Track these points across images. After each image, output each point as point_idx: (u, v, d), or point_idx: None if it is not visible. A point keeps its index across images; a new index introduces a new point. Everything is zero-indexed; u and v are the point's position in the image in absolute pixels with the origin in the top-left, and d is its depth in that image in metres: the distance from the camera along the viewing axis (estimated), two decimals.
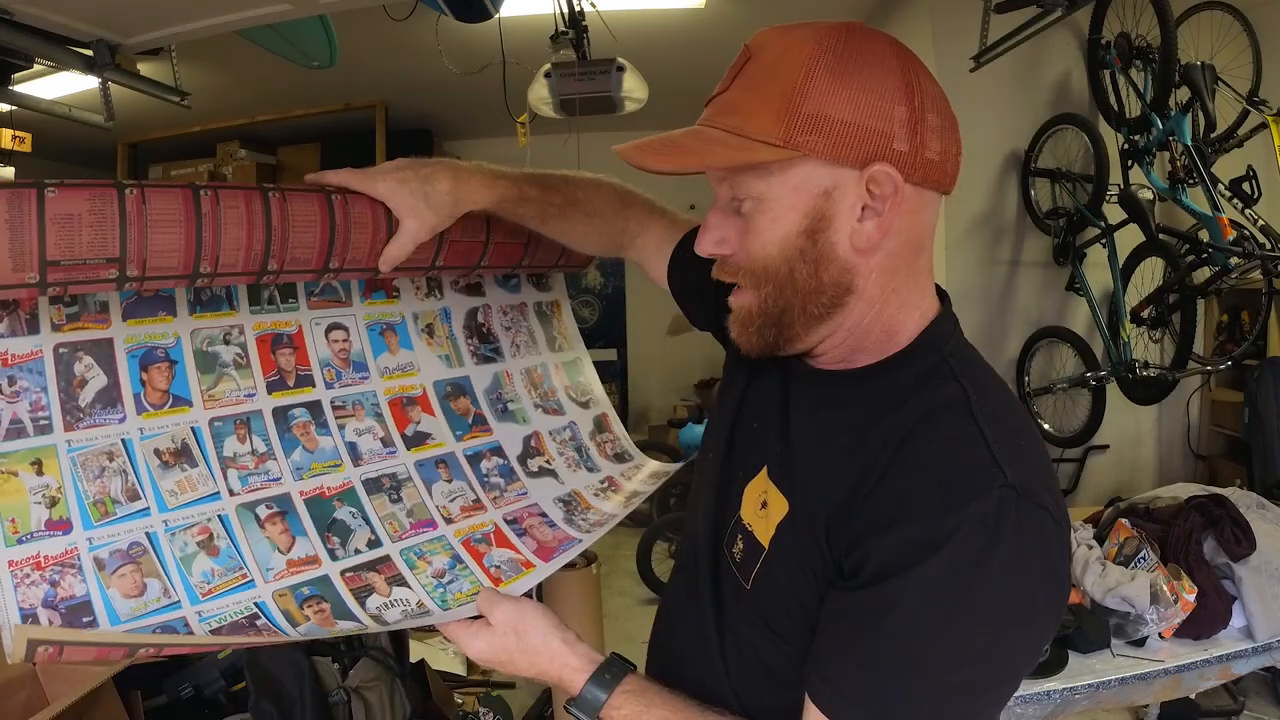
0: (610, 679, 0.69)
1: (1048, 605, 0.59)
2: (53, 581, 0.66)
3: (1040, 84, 3.20)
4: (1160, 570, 1.71)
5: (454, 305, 1.04)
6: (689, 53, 3.43)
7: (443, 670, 2.56)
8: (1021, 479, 0.57)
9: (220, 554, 0.75)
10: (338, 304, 0.93)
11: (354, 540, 0.83)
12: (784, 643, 0.67)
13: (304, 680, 1.71)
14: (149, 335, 0.78)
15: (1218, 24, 2.92)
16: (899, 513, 0.58)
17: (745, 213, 0.65)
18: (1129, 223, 2.79)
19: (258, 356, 0.85)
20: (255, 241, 0.74)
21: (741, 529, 0.73)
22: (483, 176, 0.86)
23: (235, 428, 0.81)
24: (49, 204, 0.62)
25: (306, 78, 3.03)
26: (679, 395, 5.47)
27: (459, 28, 2.44)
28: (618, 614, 3.58)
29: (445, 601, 0.81)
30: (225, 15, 1.86)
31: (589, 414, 1.14)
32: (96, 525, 0.70)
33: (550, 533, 0.93)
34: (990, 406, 0.62)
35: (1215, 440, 3.40)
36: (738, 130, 0.62)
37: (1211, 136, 2.74)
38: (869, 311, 0.66)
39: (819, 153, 0.60)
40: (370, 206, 0.81)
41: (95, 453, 0.72)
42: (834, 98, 0.59)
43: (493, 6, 2.20)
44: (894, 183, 0.60)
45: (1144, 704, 2.14)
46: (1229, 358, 2.88)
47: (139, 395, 0.76)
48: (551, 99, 2.60)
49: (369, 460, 0.89)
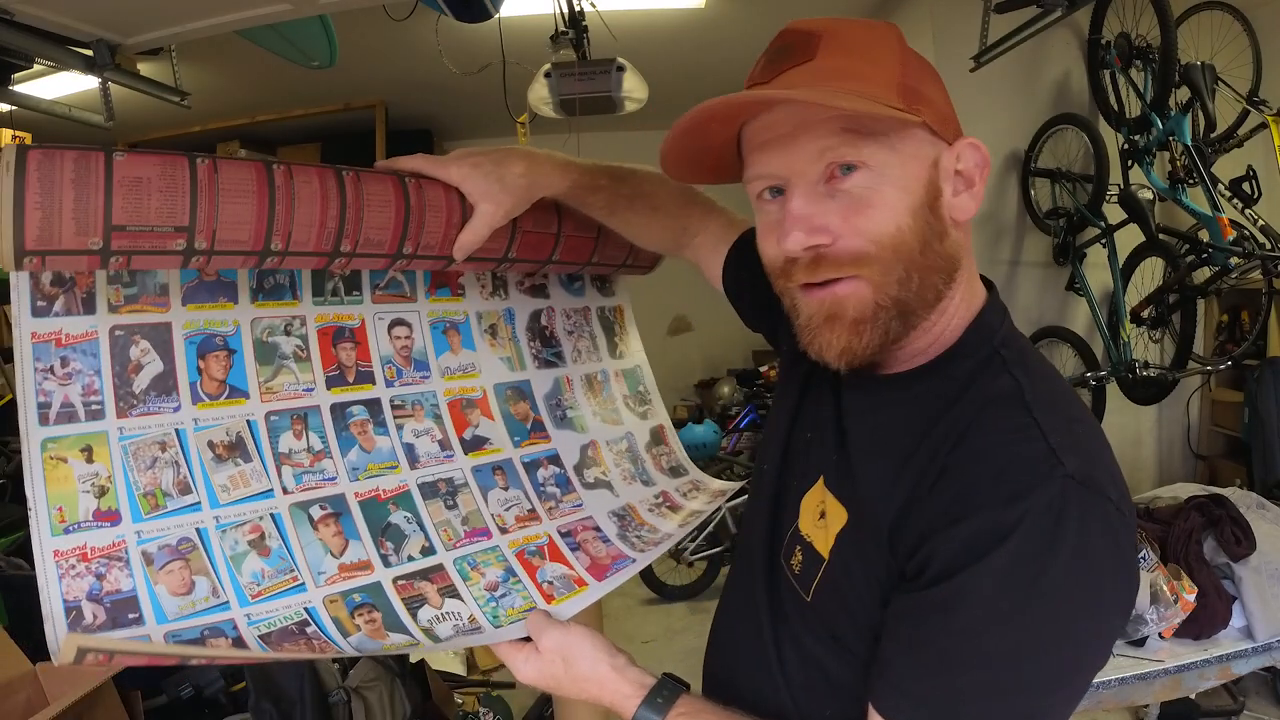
0: (663, 703, 0.67)
1: (1117, 597, 0.57)
2: (99, 575, 0.64)
3: (1040, 84, 3.19)
4: (1160, 570, 1.70)
5: (518, 306, 1.02)
6: (689, 53, 3.43)
7: (443, 670, 2.56)
8: (1082, 468, 0.56)
9: (271, 554, 0.73)
10: (403, 299, 0.90)
11: (407, 546, 0.80)
12: (847, 652, 0.65)
13: (304, 680, 1.71)
14: (209, 322, 0.75)
15: (1218, 24, 2.92)
16: (960, 509, 0.57)
17: (853, 189, 0.60)
18: (1129, 223, 2.79)
19: (318, 350, 0.82)
20: (329, 219, 0.71)
21: (800, 540, 0.71)
22: (555, 162, 0.84)
23: (292, 423, 0.79)
24: (117, 167, 0.59)
25: (306, 78, 3.02)
26: (679, 395, 5.47)
27: (459, 28, 2.44)
28: (618, 614, 3.57)
29: (497, 618, 0.78)
30: (225, 15, 1.86)
31: (646, 425, 1.11)
32: (146, 518, 0.68)
33: (604, 549, 0.91)
34: (1044, 397, 0.60)
35: (1215, 440, 3.40)
36: (859, 91, 0.58)
37: (1211, 136, 2.74)
38: (958, 293, 0.65)
39: (931, 122, 0.61)
40: (444, 191, 0.79)
41: (148, 442, 0.70)
42: (925, 79, 0.62)
43: (493, 6, 2.20)
44: (982, 155, 0.63)
45: (1144, 704, 2.14)
46: (1229, 358, 2.88)
47: (195, 384, 0.74)
48: (551, 99, 2.59)
49: (426, 463, 0.86)
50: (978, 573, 0.55)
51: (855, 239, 0.60)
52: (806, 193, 0.61)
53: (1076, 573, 0.54)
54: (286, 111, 4.24)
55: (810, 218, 0.61)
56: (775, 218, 0.64)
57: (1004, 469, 0.57)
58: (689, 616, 3.54)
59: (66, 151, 0.58)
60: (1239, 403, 2.99)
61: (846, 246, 0.61)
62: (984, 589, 0.55)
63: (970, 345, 0.65)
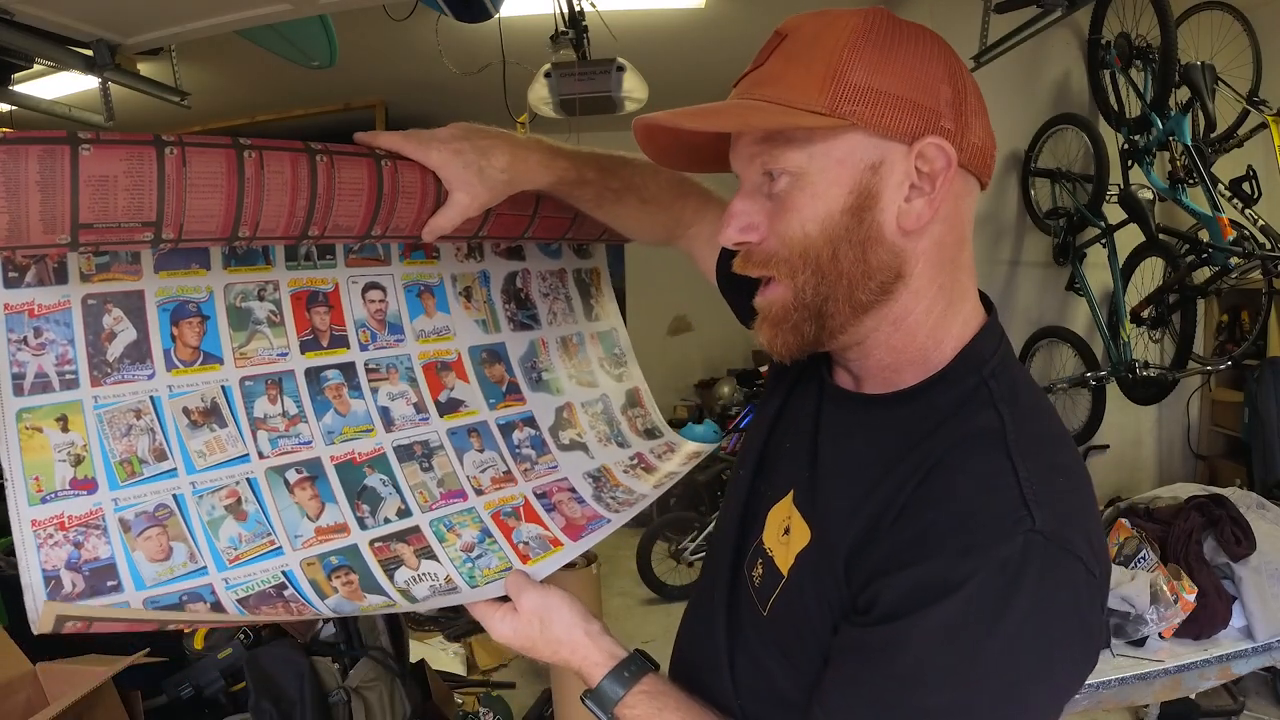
0: (629, 677, 0.68)
1: (1069, 664, 0.55)
2: (77, 543, 0.64)
3: (1040, 84, 3.20)
4: (1160, 570, 1.71)
5: (493, 269, 1.02)
6: (689, 53, 3.43)
7: (443, 670, 2.57)
8: (1052, 523, 0.53)
9: (248, 519, 0.73)
10: (376, 262, 0.90)
11: (384, 509, 0.81)
12: (796, 670, 0.65)
13: (304, 680, 1.71)
14: (181, 289, 0.75)
15: (1218, 24, 2.92)
16: (916, 551, 0.55)
17: (779, 193, 0.61)
18: (1129, 223, 2.79)
19: (292, 314, 0.82)
20: (298, 209, 0.71)
21: (762, 553, 0.70)
22: (541, 154, 0.82)
23: (267, 388, 0.79)
24: (83, 163, 0.58)
25: (306, 78, 3.02)
26: (679, 395, 5.47)
27: (459, 28, 2.44)
28: (618, 614, 3.58)
29: (473, 578, 0.79)
30: (225, 15, 1.86)
31: (622, 387, 1.11)
32: (122, 485, 0.68)
33: (579, 510, 0.92)
34: (1028, 438, 0.57)
35: (1215, 440, 3.40)
36: (778, 99, 0.59)
37: (1211, 136, 2.74)
38: (916, 306, 0.62)
39: (867, 123, 0.57)
40: (421, 175, 0.77)
41: (122, 410, 0.70)
42: (882, 70, 0.58)
43: (493, 6, 2.20)
44: (947, 157, 0.58)
45: (1144, 704, 2.14)
46: (1229, 358, 2.88)
47: (169, 351, 0.73)
48: (551, 99, 2.59)
49: (401, 426, 0.86)
50: (919, 623, 0.53)
51: (774, 240, 0.62)
52: (748, 192, 0.64)
53: (1026, 637, 0.52)
54: (286, 111, 4.25)
55: (744, 214, 0.64)
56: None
57: (966, 516, 0.54)
58: None
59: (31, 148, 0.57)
60: (1239, 403, 3.00)
61: (765, 247, 0.63)
62: (926, 640, 0.53)
63: (958, 373, 0.62)
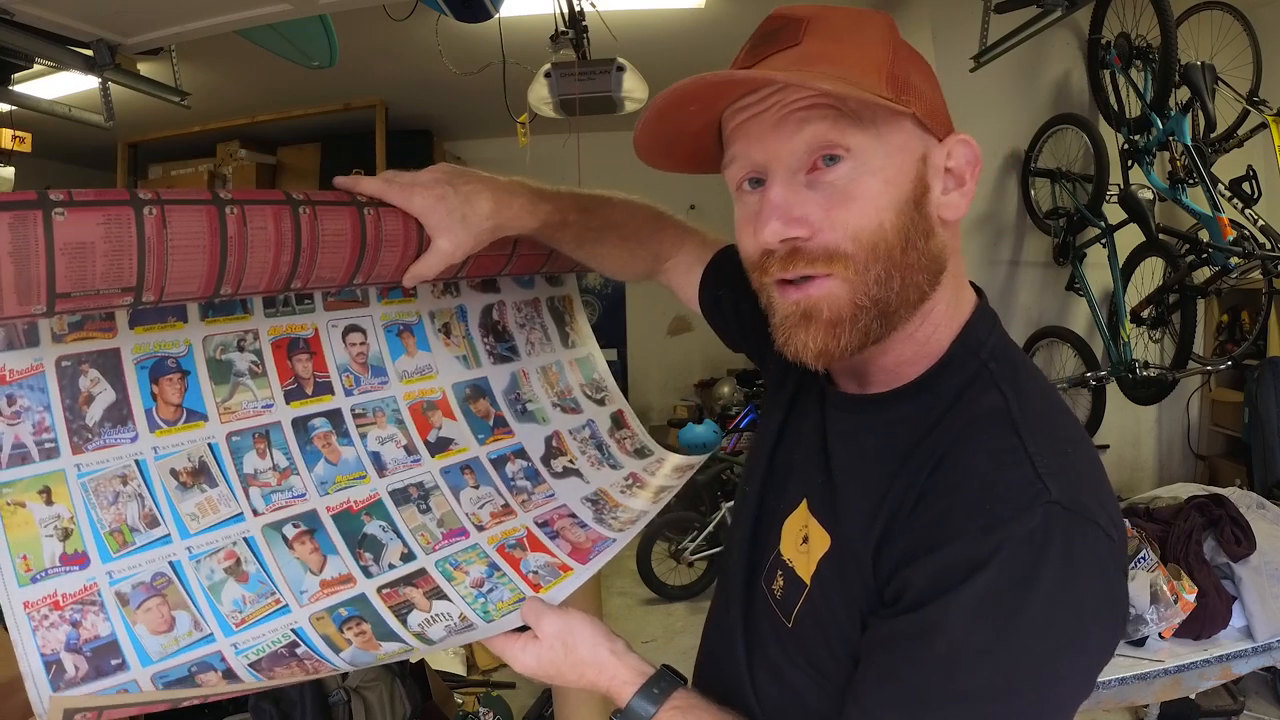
0: (659, 693, 0.66)
1: (1102, 630, 0.55)
2: (74, 622, 0.61)
3: (1040, 84, 3.20)
4: (1160, 570, 1.71)
5: (469, 303, 1.01)
6: (689, 53, 3.43)
7: (443, 670, 2.57)
8: (1068, 493, 0.53)
9: (250, 579, 0.71)
10: (355, 304, 0.89)
11: (387, 555, 0.79)
12: (826, 681, 0.63)
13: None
14: (159, 344, 0.72)
15: (1218, 24, 2.92)
16: (938, 535, 0.54)
17: (839, 180, 0.57)
18: (1129, 223, 2.79)
19: (274, 363, 0.80)
20: (282, 265, 0.69)
21: (782, 565, 0.69)
22: (525, 199, 0.79)
23: (255, 442, 0.77)
24: (58, 230, 0.55)
25: (306, 78, 3.03)
26: (679, 395, 5.47)
27: (459, 28, 2.44)
28: (618, 614, 3.58)
29: (488, 613, 0.77)
30: (225, 15, 1.87)
31: (606, 411, 1.12)
32: (115, 557, 0.65)
33: (583, 534, 0.91)
34: (1033, 415, 0.57)
35: (1215, 440, 3.40)
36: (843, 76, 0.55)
37: (1211, 136, 2.74)
38: (943, 297, 0.62)
39: (921, 114, 0.58)
40: (403, 222, 0.76)
41: (108, 476, 0.67)
42: (916, 70, 0.59)
43: (493, 6, 2.20)
44: (974, 152, 0.60)
45: (1144, 704, 2.14)
46: (1229, 358, 2.88)
47: (151, 410, 0.71)
48: (551, 99, 2.60)
49: (394, 470, 0.85)
50: (949, 605, 0.52)
51: (833, 233, 0.57)
52: (787, 181, 0.58)
53: (1058, 608, 0.52)
54: (286, 111, 4.24)
55: (789, 207, 0.57)
56: (754, 209, 0.61)
57: (983, 495, 0.54)
58: (689, 616, 3.54)
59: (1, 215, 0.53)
60: (1239, 403, 2.99)
61: (823, 241, 0.57)
62: (956, 622, 0.52)
63: (957, 359, 0.62)
